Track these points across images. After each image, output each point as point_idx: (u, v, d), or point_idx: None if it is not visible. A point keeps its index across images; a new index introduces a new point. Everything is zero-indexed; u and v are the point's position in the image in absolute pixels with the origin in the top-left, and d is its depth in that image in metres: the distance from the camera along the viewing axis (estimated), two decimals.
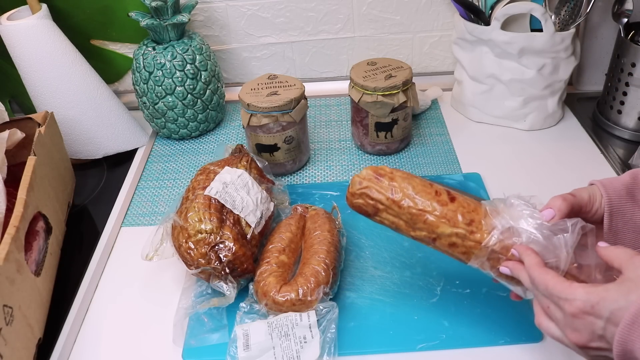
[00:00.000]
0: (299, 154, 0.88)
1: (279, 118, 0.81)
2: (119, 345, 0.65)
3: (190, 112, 0.94)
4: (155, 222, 0.81)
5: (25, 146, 0.76)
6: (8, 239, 0.59)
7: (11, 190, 0.69)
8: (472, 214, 0.54)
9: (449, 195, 0.56)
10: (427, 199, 0.55)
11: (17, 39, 0.84)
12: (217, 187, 0.68)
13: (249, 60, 1.09)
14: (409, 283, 0.68)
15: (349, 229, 0.76)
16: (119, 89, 1.10)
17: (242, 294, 0.66)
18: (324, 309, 0.61)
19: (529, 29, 0.91)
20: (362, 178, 0.58)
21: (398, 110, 0.85)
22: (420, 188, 0.56)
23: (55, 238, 0.73)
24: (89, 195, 0.88)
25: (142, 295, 0.70)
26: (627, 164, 0.85)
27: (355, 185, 0.58)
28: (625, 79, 0.89)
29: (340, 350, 0.60)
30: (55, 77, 0.86)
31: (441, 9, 1.02)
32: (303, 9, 1.02)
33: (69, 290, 0.70)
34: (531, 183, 0.83)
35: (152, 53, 0.90)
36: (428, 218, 0.55)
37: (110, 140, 0.93)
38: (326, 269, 0.63)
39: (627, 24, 0.89)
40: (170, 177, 0.91)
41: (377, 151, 0.91)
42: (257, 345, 0.59)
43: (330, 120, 1.03)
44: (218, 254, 0.63)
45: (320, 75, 1.11)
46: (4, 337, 0.55)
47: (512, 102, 0.93)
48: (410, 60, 1.09)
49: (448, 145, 0.93)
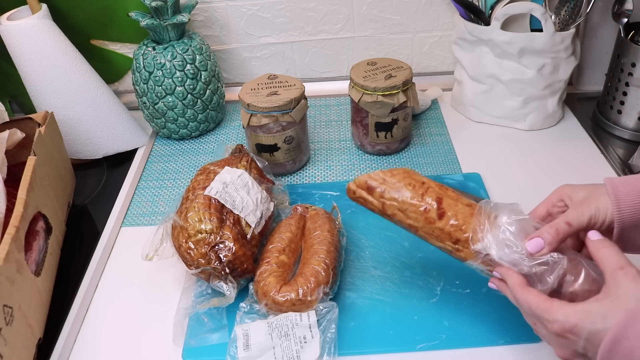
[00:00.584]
0: (299, 154, 0.88)
1: (279, 118, 0.81)
2: (119, 345, 0.65)
3: (190, 112, 0.94)
4: (155, 222, 0.81)
5: (25, 146, 0.76)
6: (8, 239, 0.59)
7: (11, 190, 0.69)
8: (459, 233, 0.55)
9: (438, 211, 0.56)
10: (416, 215, 0.56)
11: (17, 39, 0.84)
12: (217, 187, 0.68)
13: (249, 60, 1.09)
14: (409, 283, 0.68)
15: (349, 229, 0.76)
16: (119, 89, 1.10)
17: (242, 294, 0.66)
18: (324, 309, 0.61)
19: (529, 29, 0.91)
20: (356, 186, 0.60)
21: (398, 110, 0.85)
22: (409, 204, 0.57)
23: (55, 238, 0.73)
24: (89, 195, 0.88)
25: (142, 295, 0.70)
26: (627, 164, 0.85)
27: (350, 192, 0.61)
28: (625, 79, 0.89)
29: (340, 350, 0.60)
30: (55, 77, 0.86)
31: (441, 9, 1.02)
32: (303, 9, 1.02)
33: (69, 290, 0.70)
34: (531, 183, 0.83)
35: (152, 53, 0.90)
36: (417, 232, 0.57)
37: (110, 140, 0.93)
38: (326, 269, 0.63)
39: (627, 24, 0.89)
40: (170, 177, 0.91)
41: (377, 151, 0.91)
42: (257, 345, 0.59)
43: (330, 120, 1.03)
44: (218, 254, 0.63)
45: (320, 75, 1.11)
46: (4, 337, 0.55)
47: (512, 102, 0.93)
48: (410, 60, 1.09)
49: (448, 145, 0.93)
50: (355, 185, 0.59)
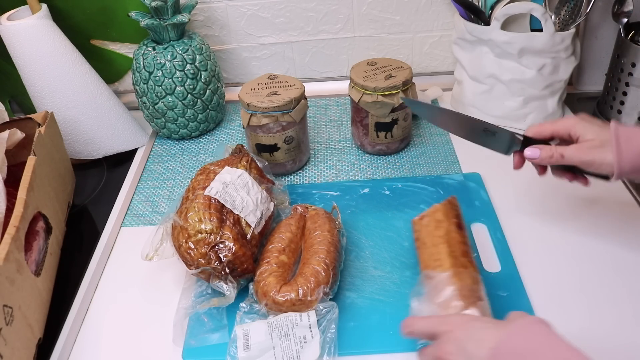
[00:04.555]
0: (299, 154, 0.88)
1: (279, 118, 0.81)
2: (119, 345, 0.65)
3: (190, 112, 0.94)
4: (155, 222, 0.81)
5: (25, 146, 0.76)
6: (8, 239, 0.59)
7: (11, 190, 0.69)
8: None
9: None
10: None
11: (17, 39, 0.84)
12: (217, 187, 0.68)
13: (249, 60, 1.09)
14: (409, 283, 0.68)
15: (349, 229, 0.76)
16: (119, 89, 1.10)
17: (242, 294, 0.66)
18: (324, 309, 0.61)
19: (529, 29, 0.91)
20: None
21: (398, 110, 0.85)
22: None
23: (55, 238, 0.73)
24: (89, 195, 0.88)
25: (142, 295, 0.70)
26: None
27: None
28: (625, 79, 0.89)
29: (340, 350, 0.60)
30: (55, 77, 0.86)
31: (441, 9, 1.02)
32: (303, 9, 1.02)
33: (69, 290, 0.70)
34: (531, 183, 0.83)
35: (152, 53, 0.90)
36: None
37: (110, 140, 0.93)
38: (326, 269, 0.63)
39: (627, 24, 0.89)
40: (170, 177, 0.91)
41: (377, 151, 0.91)
42: (257, 345, 0.59)
43: (330, 120, 1.03)
44: (218, 254, 0.63)
45: (320, 75, 1.11)
46: (4, 337, 0.55)
47: (512, 102, 0.93)
48: (410, 60, 1.09)
49: (448, 145, 0.93)
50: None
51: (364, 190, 0.83)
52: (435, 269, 0.59)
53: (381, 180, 0.85)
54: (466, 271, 0.58)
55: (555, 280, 0.67)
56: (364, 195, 0.82)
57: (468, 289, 0.56)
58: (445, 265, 0.59)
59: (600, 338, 0.60)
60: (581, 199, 0.79)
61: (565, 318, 0.62)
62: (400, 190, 0.82)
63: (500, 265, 0.69)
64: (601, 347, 0.59)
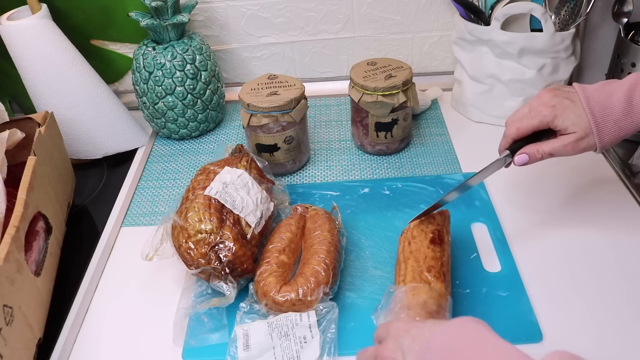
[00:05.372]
0: (299, 154, 0.88)
1: (279, 118, 0.81)
2: (119, 345, 0.65)
3: (190, 112, 0.94)
4: (155, 222, 0.81)
5: (25, 146, 0.76)
6: (8, 239, 0.59)
7: (11, 190, 0.69)
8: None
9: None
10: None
11: (17, 39, 0.84)
12: (217, 187, 0.68)
13: (249, 60, 1.09)
14: None
15: (349, 229, 0.76)
16: (119, 89, 1.10)
17: (242, 294, 0.66)
18: (324, 309, 0.61)
19: (529, 29, 0.91)
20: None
21: (398, 110, 0.85)
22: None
23: (55, 238, 0.73)
24: (89, 195, 0.88)
25: (142, 295, 0.70)
26: (627, 164, 0.85)
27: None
28: None
29: (340, 350, 0.60)
30: (55, 77, 0.86)
31: (441, 9, 1.02)
32: (303, 9, 1.02)
33: (69, 290, 0.70)
34: (531, 183, 0.83)
35: (152, 53, 0.90)
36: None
37: (110, 140, 0.93)
38: (326, 269, 0.63)
39: (627, 24, 0.89)
40: (170, 177, 0.91)
41: (377, 151, 0.91)
42: (257, 345, 0.59)
43: (330, 120, 1.03)
44: (218, 254, 0.63)
45: (320, 75, 1.11)
46: (4, 337, 0.55)
47: (512, 102, 0.93)
48: (410, 60, 1.09)
49: (448, 145, 0.93)
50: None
51: (364, 190, 0.83)
52: (399, 284, 0.60)
53: (381, 180, 0.85)
54: (424, 287, 0.58)
55: (555, 280, 0.67)
56: (364, 195, 0.82)
57: (419, 305, 0.56)
58: (406, 281, 0.60)
59: (601, 338, 0.60)
60: (582, 199, 0.79)
61: (566, 318, 0.62)
62: (400, 190, 0.82)
63: (500, 265, 0.69)
64: (601, 347, 0.60)
